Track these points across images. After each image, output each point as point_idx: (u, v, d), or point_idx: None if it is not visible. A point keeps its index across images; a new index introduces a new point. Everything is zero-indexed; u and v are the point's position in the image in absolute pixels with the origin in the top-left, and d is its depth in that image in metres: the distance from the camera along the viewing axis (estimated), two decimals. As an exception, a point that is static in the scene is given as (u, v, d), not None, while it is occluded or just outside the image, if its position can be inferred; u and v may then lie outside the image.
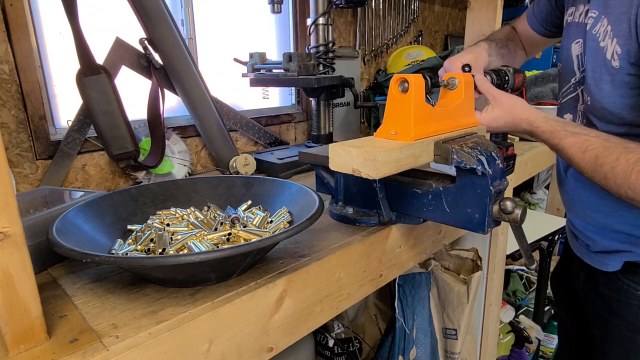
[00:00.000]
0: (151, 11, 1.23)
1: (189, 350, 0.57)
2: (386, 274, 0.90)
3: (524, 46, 1.17)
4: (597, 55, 0.81)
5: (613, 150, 0.72)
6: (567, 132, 0.78)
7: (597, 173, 0.73)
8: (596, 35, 0.81)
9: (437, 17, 2.51)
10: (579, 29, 0.87)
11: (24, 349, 0.51)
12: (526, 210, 0.73)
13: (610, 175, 0.71)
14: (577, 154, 0.76)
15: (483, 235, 1.42)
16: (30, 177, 1.13)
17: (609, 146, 0.73)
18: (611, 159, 0.71)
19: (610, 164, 0.71)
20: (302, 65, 1.33)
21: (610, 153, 0.72)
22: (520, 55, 1.16)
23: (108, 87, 1.16)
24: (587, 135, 0.76)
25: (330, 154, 0.70)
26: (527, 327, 1.90)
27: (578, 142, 0.76)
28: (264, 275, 0.67)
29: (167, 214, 0.80)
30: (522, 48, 1.17)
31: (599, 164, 0.73)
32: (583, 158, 0.75)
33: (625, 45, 0.76)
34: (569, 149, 0.77)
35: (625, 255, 0.88)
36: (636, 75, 0.76)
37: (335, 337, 1.50)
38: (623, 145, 0.72)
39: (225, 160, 1.37)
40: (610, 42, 0.78)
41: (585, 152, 0.75)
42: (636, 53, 0.74)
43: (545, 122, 0.81)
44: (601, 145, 0.73)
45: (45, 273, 0.71)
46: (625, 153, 0.70)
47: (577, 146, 0.76)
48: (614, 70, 0.78)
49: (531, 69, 2.04)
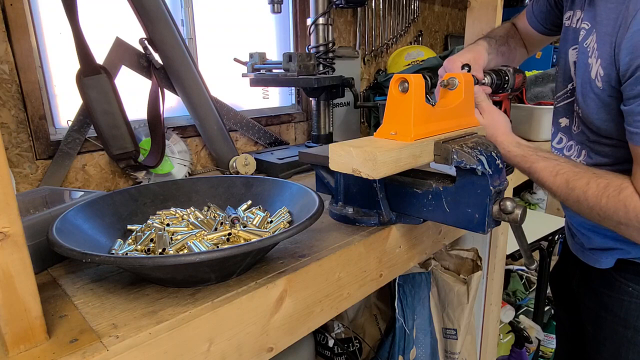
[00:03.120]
0: (151, 11, 1.23)
1: (189, 350, 0.57)
2: (386, 274, 0.90)
3: (524, 43, 1.16)
4: (585, 71, 0.81)
5: (583, 175, 0.76)
6: (538, 157, 0.82)
7: (570, 196, 0.77)
8: (587, 49, 0.81)
9: (437, 17, 2.51)
10: (576, 35, 0.86)
11: (24, 349, 0.51)
12: (526, 210, 0.73)
13: (582, 198, 0.75)
14: (549, 177, 0.80)
15: (483, 235, 1.42)
16: (30, 177, 1.13)
17: (578, 171, 0.77)
18: (581, 183, 0.75)
19: (582, 188, 0.75)
20: (302, 65, 1.33)
21: (580, 177, 0.76)
22: (520, 53, 1.16)
23: (108, 87, 1.16)
24: (557, 160, 0.81)
25: (330, 154, 0.70)
26: (527, 327, 1.90)
27: (549, 167, 0.80)
28: (264, 275, 0.67)
29: (167, 214, 0.80)
30: (523, 45, 1.16)
31: (570, 187, 0.77)
32: (554, 182, 0.79)
33: (607, 69, 0.75)
34: (540, 172, 0.81)
35: (618, 252, 0.89)
36: (618, 98, 0.75)
37: (335, 337, 1.50)
38: (591, 171, 0.76)
39: (225, 160, 1.37)
40: (595, 62, 0.78)
41: (556, 176, 0.79)
42: (616, 79, 0.73)
43: (518, 147, 0.85)
44: (571, 170, 0.78)
45: (45, 273, 0.71)
46: (595, 178, 0.74)
47: (548, 170, 0.80)
48: (598, 90, 0.78)
49: (531, 69, 2.04)
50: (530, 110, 1.62)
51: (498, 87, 1.03)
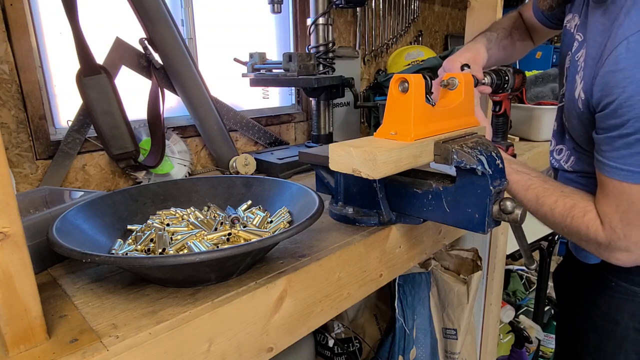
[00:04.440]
0: (151, 11, 1.23)
1: (189, 350, 0.57)
2: (386, 274, 0.90)
3: (530, 34, 1.15)
4: (572, 86, 0.81)
5: (552, 192, 0.80)
6: (512, 170, 0.85)
7: (538, 211, 0.82)
8: (577, 63, 0.81)
9: (437, 17, 2.51)
10: (571, 41, 0.86)
11: (24, 349, 0.51)
12: (526, 211, 0.73)
13: (549, 215, 0.80)
14: (520, 191, 0.84)
15: (483, 235, 1.42)
16: (30, 177, 1.13)
17: (547, 187, 0.81)
18: (550, 200, 0.80)
19: (550, 205, 0.80)
20: (302, 65, 1.33)
21: (549, 194, 0.80)
22: (525, 45, 1.15)
23: (108, 87, 1.16)
24: (529, 175, 0.84)
25: (330, 154, 0.70)
26: (527, 327, 1.90)
27: (521, 180, 0.84)
28: (264, 275, 0.67)
29: (167, 214, 0.80)
30: (528, 37, 1.15)
31: (539, 203, 0.81)
32: (525, 195, 0.83)
33: (586, 93, 0.76)
34: (513, 185, 0.85)
35: None
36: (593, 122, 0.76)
37: (335, 337, 1.50)
38: (559, 188, 0.81)
39: (225, 160, 1.37)
40: (579, 81, 0.79)
41: (527, 190, 0.83)
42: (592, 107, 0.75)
43: None
44: (541, 186, 0.82)
45: (45, 273, 0.71)
46: (563, 197, 0.79)
47: (520, 184, 0.84)
48: (579, 110, 0.79)
49: (531, 69, 2.04)
50: (530, 110, 1.62)
51: (498, 87, 1.03)
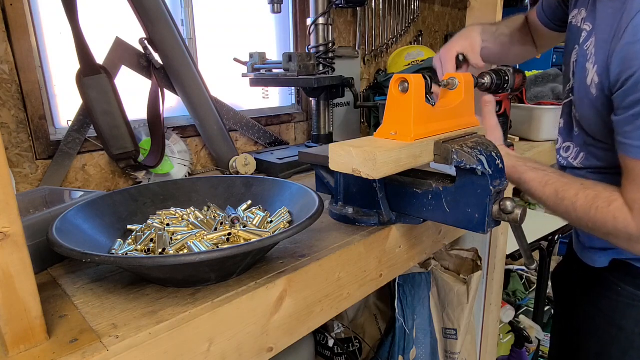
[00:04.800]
0: (151, 11, 1.23)
1: (189, 350, 0.57)
2: (386, 274, 0.90)
3: (534, 39, 1.15)
4: (582, 75, 0.81)
5: (571, 185, 0.78)
6: (527, 167, 0.84)
7: (559, 206, 0.79)
8: (586, 52, 0.80)
9: (437, 17, 2.51)
10: (578, 34, 0.86)
11: (24, 349, 0.51)
12: (526, 210, 0.73)
13: (571, 209, 0.77)
14: (538, 188, 0.82)
15: (483, 235, 1.42)
16: (30, 177, 1.13)
17: (566, 182, 0.79)
18: (570, 194, 0.77)
19: (571, 199, 0.77)
20: (302, 65, 1.33)
21: (569, 188, 0.78)
22: (526, 50, 1.15)
23: (108, 87, 1.16)
24: (546, 171, 0.83)
25: (330, 154, 0.70)
26: (527, 327, 1.90)
27: (538, 177, 0.82)
28: (264, 275, 0.67)
29: (167, 214, 0.80)
30: (532, 42, 1.15)
31: (559, 197, 0.79)
32: (544, 192, 0.81)
33: (601, 77, 0.75)
34: (530, 183, 0.83)
35: (613, 252, 0.91)
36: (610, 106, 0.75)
37: (335, 337, 1.50)
38: (579, 181, 0.79)
39: (225, 160, 1.37)
40: (591, 67, 0.78)
41: (545, 186, 0.81)
42: (608, 87, 0.74)
43: (508, 158, 0.86)
44: (559, 181, 0.80)
45: (45, 273, 0.71)
46: (584, 189, 0.76)
47: (537, 181, 0.82)
48: (592, 97, 0.78)
49: (531, 69, 2.04)
50: (530, 110, 1.62)
51: (498, 87, 1.03)
